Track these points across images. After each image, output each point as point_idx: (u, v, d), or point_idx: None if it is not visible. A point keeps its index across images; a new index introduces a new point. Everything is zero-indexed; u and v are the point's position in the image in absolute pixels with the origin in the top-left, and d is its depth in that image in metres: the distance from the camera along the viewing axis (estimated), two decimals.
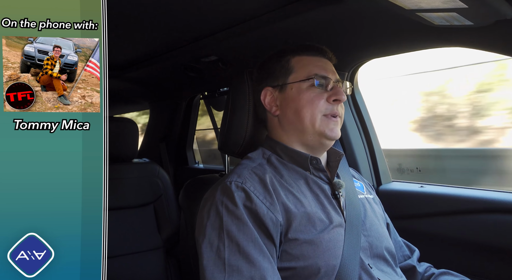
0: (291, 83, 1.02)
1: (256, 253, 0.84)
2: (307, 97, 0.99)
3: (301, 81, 1.01)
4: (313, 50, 1.05)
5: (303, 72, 1.01)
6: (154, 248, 1.71)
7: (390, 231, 1.13)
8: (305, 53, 1.04)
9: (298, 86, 1.01)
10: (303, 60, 1.03)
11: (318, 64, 1.02)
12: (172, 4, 1.19)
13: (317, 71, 1.01)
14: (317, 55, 1.05)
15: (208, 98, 2.43)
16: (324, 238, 0.89)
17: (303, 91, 1.00)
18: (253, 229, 0.86)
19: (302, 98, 0.99)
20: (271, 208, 0.88)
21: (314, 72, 1.00)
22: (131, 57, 1.88)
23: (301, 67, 1.02)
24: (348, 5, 1.07)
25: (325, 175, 1.02)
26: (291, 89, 1.02)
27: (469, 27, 1.01)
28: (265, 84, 1.06)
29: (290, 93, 1.02)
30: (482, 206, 1.26)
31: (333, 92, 1.00)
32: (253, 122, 1.10)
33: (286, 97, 1.02)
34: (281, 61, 1.05)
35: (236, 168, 1.00)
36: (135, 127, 1.80)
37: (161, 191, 1.79)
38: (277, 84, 1.04)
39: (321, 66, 1.02)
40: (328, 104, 0.99)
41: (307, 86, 1.00)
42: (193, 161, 2.73)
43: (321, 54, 1.05)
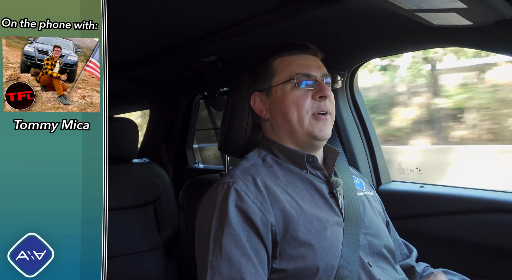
0: (275, 85, 1.02)
1: (238, 255, 0.84)
2: (292, 98, 0.98)
3: (284, 82, 1.00)
4: (294, 48, 1.04)
5: (285, 73, 1.01)
6: (154, 248, 1.70)
7: (390, 230, 1.13)
8: (286, 52, 1.04)
9: (282, 88, 1.00)
10: (285, 61, 1.03)
11: (300, 63, 1.01)
12: (172, 4, 1.19)
13: (299, 70, 1.00)
14: (299, 53, 1.04)
15: (208, 98, 2.43)
16: (322, 237, 0.89)
17: (287, 93, 0.99)
18: (239, 231, 0.86)
19: (287, 100, 0.99)
20: (262, 208, 0.88)
21: (296, 71, 1.00)
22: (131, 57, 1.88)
23: (283, 68, 1.02)
24: (347, 5, 1.07)
25: (322, 173, 1.01)
26: (276, 92, 1.02)
27: (469, 27, 1.01)
28: (253, 89, 1.06)
29: (275, 96, 1.02)
30: (482, 206, 1.26)
31: (318, 89, 0.99)
32: (252, 122, 1.11)
33: (273, 101, 1.02)
34: (264, 64, 1.05)
35: (232, 169, 1.00)
36: (135, 127, 1.80)
37: (161, 191, 1.79)
38: (263, 88, 1.04)
39: (303, 64, 1.01)
40: (315, 102, 0.98)
41: (290, 87, 0.99)
42: (193, 161, 2.73)
43: (303, 51, 1.04)
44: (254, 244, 0.86)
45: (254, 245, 0.86)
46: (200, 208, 0.97)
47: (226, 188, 0.91)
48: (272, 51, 1.06)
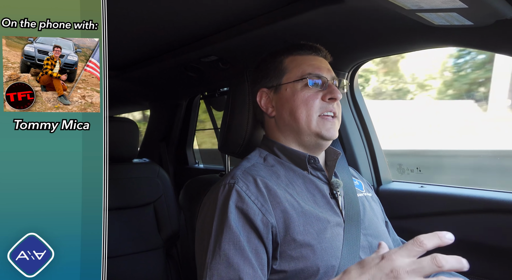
0: (285, 83, 1.02)
1: (236, 258, 0.83)
2: (302, 98, 0.99)
3: (295, 81, 1.00)
4: (307, 48, 1.04)
5: (297, 72, 1.01)
6: (154, 248, 1.71)
7: (389, 230, 1.13)
8: (298, 52, 1.04)
9: (292, 86, 1.01)
10: (297, 60, 1.03)
11: (312, 63, 1.02)
12: (172, 4, 1.19)
13: (311, 70, 1.00)
14: (311, 53, 1.04)
15: (208, 98, 2.43)
16: (322, 238, 0.89)
17: (298, 91, 1.00)
18: (239, 233, 0.85)
19: (296, 99, 0.99)
20: (263, 209, 0.88)
21: (307, 71, 1.00)
22: (131, 57, 1.88)
23: (295, 67, 1.02)
24: (348, 5, 1.07)
25: (323, 174, 1.02)
26: (285, 89, 1.02)
27: (469, 27, 1.01)
28: (260, 85, 1.06)
29: (284, 93, 1.02)
30: (482, 206, 1.26)
31: (328, 91, 0.99)
32: (253, 122, 1.10)
33: (281, 98, 1.02)
34: (275, 61, 1.05)
35: (232, 169, 1.00)
36: (135, 127, 1.80)
37: (161, 191, 1.79)
38: (272, 85, 1.04)
39: (315, 65, 1.02)
40: (323, 103, 0.99)
41: (301, 86, 1.00)
42: (193, 161, 2.73)
43: (315, 52, 1.05)
44: (254, 245, 0.86)
45: (254, 247, 0.86)
46: (201, 209, 0.97)
47: (227, 188, 0.91)
48: (283, 49, 1.06)
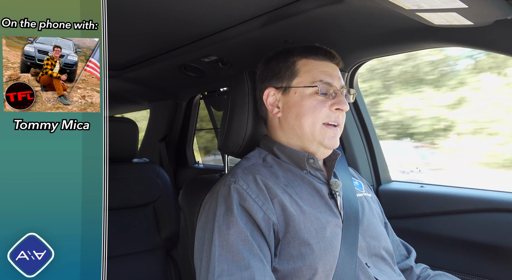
0: (295, 87, 1.01)
1: (246, 253, 0.84)
2: (310, 104, 0.98)
3: (305, 86, 1.00)
4: (321, 53, 1.03)
5: (308, 77, 1.00)
6: (154, 248, 1.71)
7: (388, 231, 1.13)
8: (312, 56, 1.02)
9: (302, 91, 1.00)
10: (310, 64, 1.02)
11: (324, 70, 1.01)
12: (172, 4, 1.19)
13: (323, 77, 0.99)
14: (325, 59, 1.03)
15: (208, 98, 2.43)
16: (321, 237, 0.89)
17: (306, 97, 0.99)
18: (245, 229, 0.86)
19: (304, 104, 0.99)
20: (263, 207, 0.89)
21: (319, 78, 0.99)
22: (131, 57, 1.88)
23: (307, 71, 1.01)
24: (348, 5, 1.07)
25: (322, 174, 1.02)
26: (294, 93, 1.01)
27: (469, 27, 1.01)
28: (268, 83, 1.05)
29: (293, 97, 1.01)
30: (482, 206, 1.26)
31: (336, 101, 0.99)
32: (252, 122, 1.10)
33: (289, 101, 1.01)
34: (287, 62, 1.03)
35: (232, 168, 1.00)
36: (135, 127, 1.80)
37: (161, 191, 1.79)
38: (281, 86, 1.03)
39: (327, 72, 1.00)
40: (330, 112, 0.98)
41: (310, 92, 0.99)
42: (193, 161, 2.73)
43: (329, 59, 1.03)
44: (258, 242, 0.86)
45: (258, 243, 0.86)
46: (202, 208, 0.97)
47: (228, 187, 0.91)
48: (297, 50, 1.04)
